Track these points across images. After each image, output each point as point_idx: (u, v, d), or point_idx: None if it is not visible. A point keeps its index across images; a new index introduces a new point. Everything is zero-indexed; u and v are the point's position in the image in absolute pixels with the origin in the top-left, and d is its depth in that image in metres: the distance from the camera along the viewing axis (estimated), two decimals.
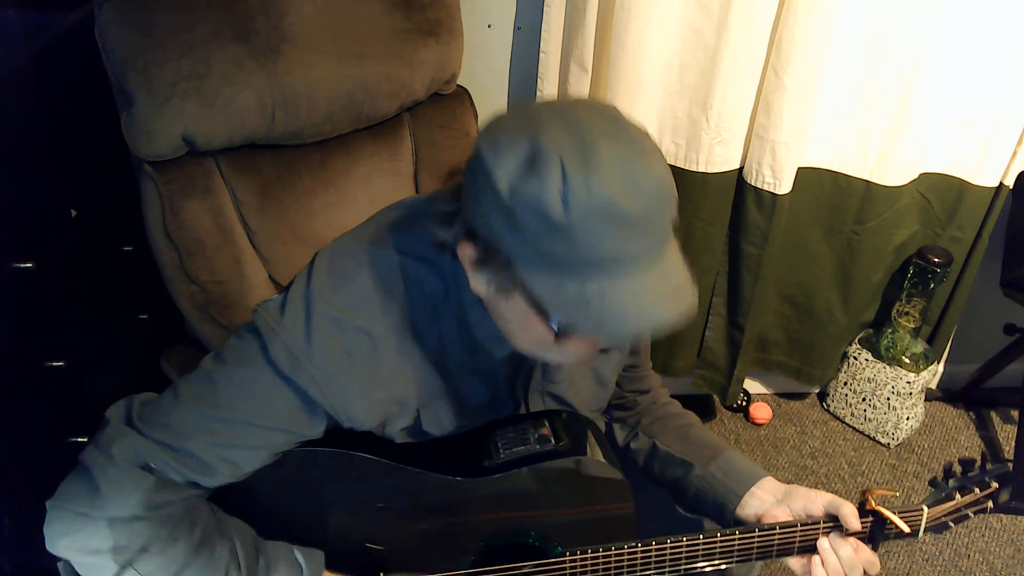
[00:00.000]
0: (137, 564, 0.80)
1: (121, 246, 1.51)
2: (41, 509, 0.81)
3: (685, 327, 1.98)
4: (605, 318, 0.71)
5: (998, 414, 2.32)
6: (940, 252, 1.94)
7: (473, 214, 0.75)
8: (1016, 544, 1.93)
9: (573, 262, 0.70)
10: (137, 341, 1.51)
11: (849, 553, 0.97)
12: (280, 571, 0.86)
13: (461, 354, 0.90)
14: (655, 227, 0.72)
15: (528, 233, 0.69)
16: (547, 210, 0.67)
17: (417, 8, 1.39)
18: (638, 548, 0.96)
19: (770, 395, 2.35)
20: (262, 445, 0.85)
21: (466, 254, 0.78)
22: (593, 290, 0.70)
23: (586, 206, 0.67)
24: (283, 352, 0.82)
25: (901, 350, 2.08)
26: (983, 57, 1.71)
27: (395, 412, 0.89)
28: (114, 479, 0.79)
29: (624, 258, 0.70)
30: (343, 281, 0.85)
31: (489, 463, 0.93)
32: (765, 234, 1.84)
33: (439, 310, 0.87)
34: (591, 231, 0.68)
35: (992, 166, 1.84)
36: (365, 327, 0.83)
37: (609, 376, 1.08)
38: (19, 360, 1.18)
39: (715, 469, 1.08)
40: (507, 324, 0.83)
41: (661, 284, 0.73)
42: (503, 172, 0.69)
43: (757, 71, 1.68)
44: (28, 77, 1.22)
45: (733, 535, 0.98)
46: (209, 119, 1.15)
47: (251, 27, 1.20)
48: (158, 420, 0.83)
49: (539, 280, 0.72)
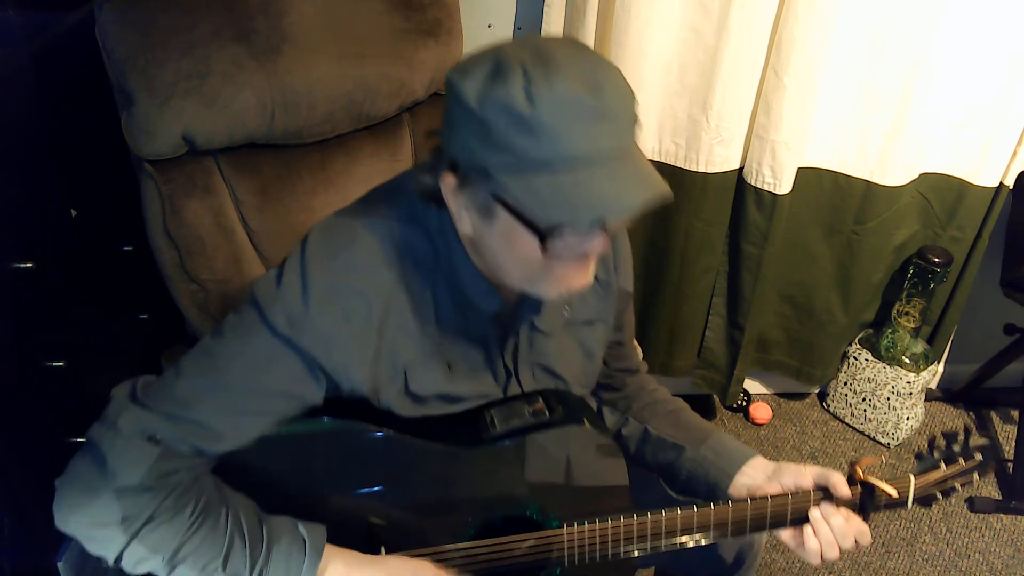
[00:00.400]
0: (142, 535, 0.82)
1: (121, 246, 1.51)
2: (41, 509, 0.81)
3: (685, 327, 2.01)
4: (581, 204, 0.75)
5: (998, 414, 2.32)
6: (940, 252, 1.94)
7: (450, 144, 0.80)
8: (1016, 544, 1.93)
9: (545, 158, 0.74)
10: (137, 341, 1.51)
11: (840, 522, 0.99)
12: (283, 542, 0.87)
13: (453, 316, 0.93)
14: (619, 123, 0.76)
15: (500, 137, 0.74)
16: (514, 106, 0.72)
17: (417, 8, 1.39)
18: (634, 520, 0.98)
19: (770, 395, 2.35)
20: (265, 411, 0.86)
21: (448, 185, 0.82)
22: (567, 180, 0.74)
23: (550, 99, 0.72)
24: (282, 316, 0.84)
25: (901, 350, 2.08)
26: (983, 57, 1.71)
27: (388, 374, 0.91)
28: (120, 450, 0.81)
29: (593, 153, 0.75)
30: (338, 250, 0.87)
31: (486, 435, 0.95)
32: (765, 234, 1.84)
33: (430, 272, 0.90)
34: (557, 124, 0.73)
35: (992, 166, 1.84)
36: (361, 289, 0.86)
37: (596, 349, 1.10)
38: (19, 360, 1.18)
39: (706, 451, 1.10)
40: (495, 256, 0.85)
41: (632, 174, 0.77)
42: (471, 87, 0.75)
43: (757, 71, 1.68)
44: (28, 77, 1.22)
45: (727, 507, 1.00)
46: (209, 118, 1.16)
47: (251, 27, 1.20)
48: (162, 394, 0.85)
49: (516, 184, 0.76)
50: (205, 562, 0.83)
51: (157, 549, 0.82)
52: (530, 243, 0.80)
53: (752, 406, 2.24)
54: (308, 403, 0.89)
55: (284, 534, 0.87)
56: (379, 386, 0.91)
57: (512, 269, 0.86)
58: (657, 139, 1.80)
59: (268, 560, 0.85)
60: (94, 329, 1.38)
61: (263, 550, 0.85)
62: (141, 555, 0.82)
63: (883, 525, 1.95)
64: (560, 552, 0.99)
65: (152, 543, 0.82)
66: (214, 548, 0.84)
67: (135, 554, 0.82)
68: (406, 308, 0.89)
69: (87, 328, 1.36)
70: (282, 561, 0.86)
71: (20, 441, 1.17)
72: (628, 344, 1.20)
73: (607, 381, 1.21)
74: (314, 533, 0.88)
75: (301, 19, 1.25)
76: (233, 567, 0.84)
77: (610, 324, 1.11)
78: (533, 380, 1.04)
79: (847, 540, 0.99)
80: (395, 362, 0.91)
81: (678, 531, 1.00)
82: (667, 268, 1.93)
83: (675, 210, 1.85)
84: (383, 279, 0.88)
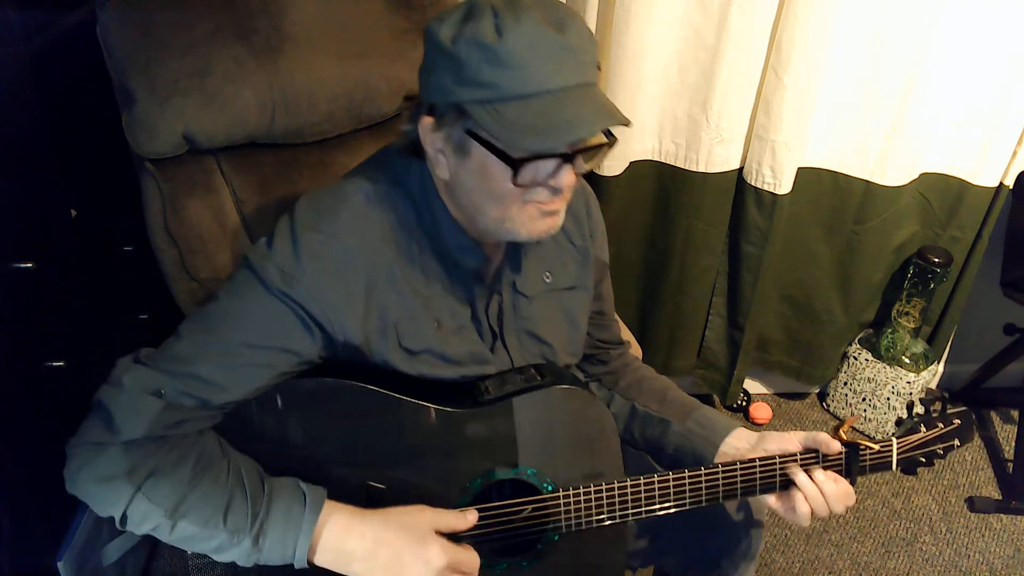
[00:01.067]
0: (146, 487, 0.83)
1: (121, 246, 1.51)
2: (41, 509, 0.81)
3: (685, 327, 2.01)
4: (551, 128, 0.80)
5: (998, 414, 2.32)
6: (940, 252, 1.94)
7: (428, 88, 0.86)
8: (1016, 544, 1.93)
9: (515, 90, 0.80)
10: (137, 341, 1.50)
11: (831, 486, 1.02)
12: (283, 496, 0.88)
13: (438, 273, 0.97)
14: (582, 57, 0.82)
15: (473, 71, 0.80)
16: (484, 41, 0.79)
17: (417, 8, 1.39)
18: (628, 484, 1.01)
19: (770, 395, 2.35)
20: (264, 364, 0.89)
21: (426, 126, 0.87)
22: (536, 108, 0.80)
23: (517, 33, 0.79)
24: (275, 273, 0.88)
25: (901, 350, 2.08)
26: (983, 57, 1.72)
27: (379, 329, 0.94)
28: (125, 405, 0.84)
29: (559, 85, 0.81)
30: (325, 212, 0.92)
31: (481, 399, 0.99)
32: (765, 234, 1.84)
33: (414, 231, 0.95)
34: (526, 55, 0.79)
35: (992, 166, 1.85)
36: (348, 246, 0.91)
37: (578, 316, 1.13)
38: (19, 360, 1.18)
39: (692, 423, 1.14)
40: (470, 195, 0.90)
41: (595, 104, 0.83)
42: (446, 29, 0.82)
43: (757, 71, 1.69)
44: (28, 77, 1.22)
45: (716, 470, 1.03)
46: (210, 117, 1.15)
47: (252, 26, 1.21)
48: (163, 354, 0.88)
49: (489, 116, 0.81)
50: (207, 516, 0.84)
51: (160, 503, 0.83)
52: (503, 175, 0.85)
53: (752, 406, 2.24)
54: (304, 357, 0.92)
55: (284, 489, 0.88)
56: (371, 340, 0.94)
57: (486, 206, 0.90)
58: (657, 139, 1.80)
59: (268, 513, 0.86)
60: (94, 329, 1.38)
61: (264, 504, 0.86)
62: (145, 510, 0.84)
63: (883, 525, 1.95)
64: (557, 518, 1.01)
65: (156, 496, 0.83)
66: (215, 502, 0.85)
67: (139, 509, 0.83)
68: (393, 265, 0.93)
69: (87, 328, 1.36)
70: (281, 515, 0.86)
71: (20, 441, 1.16)
72: (609, 315, 1.24)
73: (592, 352, 1.24)
74: (314, 490, 0.90)
75: (302, 18, 1.25)
76: (234, 522, 0.85)
77: (590, 292, 1.15)
78: (519, 345, 1.07)
79: (836, 502, 1.02)
80: (384, 317, 0.94)
81: (671, 494, 1.03)
82: (667, 268, 1.93)
83: (675, 210, 1.85)
84: (369, 237, 0.92)
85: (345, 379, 0.94)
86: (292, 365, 0.91)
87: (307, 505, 0.87)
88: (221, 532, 0.84)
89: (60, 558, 1.27)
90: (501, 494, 1.01)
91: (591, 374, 1.26)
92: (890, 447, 1.08)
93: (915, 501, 2.03)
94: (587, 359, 1.25)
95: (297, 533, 0.86)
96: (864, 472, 1.07)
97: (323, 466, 0.94)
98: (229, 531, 0.85)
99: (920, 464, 1.12)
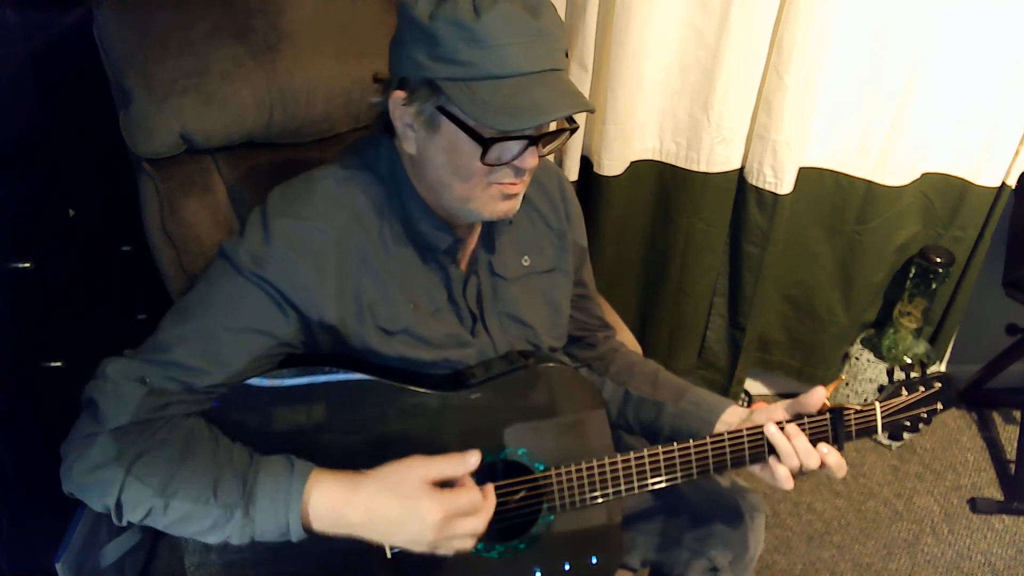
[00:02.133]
0: (136, 469, 0.84)
1: (121, 246, 1.51)
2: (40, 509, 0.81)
3: (686, 327, 2.00)
4: (521, 110, 0.83)
5: (1000, 415, 2.31)
6: (942, 252, 1.93)
7: (400, 62, 0.88)
8: (1018, 545, 1.92)
9: (488, 68, 0.83)
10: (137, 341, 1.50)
11: (802, 440, 1.04)
12: (271, 464, 0.88)
13: (410, 255, 0.98)
14: (553, 44, 0.86)
15: (448, 49, 0.82)
16: (461, 18, 0.81)
17: None
18: (619, 460, 1.02)
19: (771, 395, 2.35)
20: (242, 346, 0.90)
21: (396, 100, 0.89)
22: (509, 89, 0.83)
23: (495, 14, 0.81)
24: (246, 255, 0.90)
25: (903, 350, 2.07)
26: (984, 56, 1.71)
27: (354, 310, 0.95)
28: (110, 394, 0.86)
29: (531, 67, 0.84)
30: (296, 197, 0.95)
31: (469, 383, 1.00)
32: (766, 234, 1.84)
33: (384, 212, 0.97)
34: (501, 36, 0.82)
35: (994, 166, 1.84)
36: (319, 227, 0.92)
37: (559, 299, 1.15)
38: (18, 360, 1.18)
39: (685, 404, 1.16)
40: (437, 171, 0.92)
41: (564, 89, 0.87)
42: (422, 5, 0.84)
43: (758, 71, 1.68)
44: (27, 77, 1.22)
45: (705, 442, 1.04)
46: (207, 117, 1.15)
47: (249, 25, 1.20)
48: (145, 346, 0.91)
49: (462, 94, 0.83)
50: (198, 492, 0.84)
51: (151, 482, 0.84)
52: (472, 152, 0.87)
53: (753, 406, 2.23)
54: (282, 339, 0.92)
55: (272, 459, 0.89)
56: (347, 322, 0.95)
57: (451, 183, 0.92)
58: (658, 139, 1.80)
59: (256, 481, 0.86)
60: (92, 329, 1.37)
61: (252, 473, 0.86)
62: (137, 492, 0.84)
63: (885, 526, 1.95)
64: (551, 497, 1.02)
65: (145, 475, 0.84)
66: (205, 477, 0.85)
67: (132, 493, 0.84)
68: (365, 246, 0.95)
69: (86, 328, 1.36)
70: (271, 480, 0.86)
71: (19, 441, 1.16)
72: (593, 299, 1.26)
73: (579, 334, 1.25)
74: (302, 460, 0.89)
75: (299, 18, 1.25)
76: (224, 495, 0.85)
77: (570, 275, 1.16)
78: (501, 328, 1.07)
79: (811, 458, 1.03)
80: (360, 300, 0.95)
81: (662, 467, 1.03)
82: (668, 268, 1.92)
83: (676, 210, 1.85)
84: (340, 219, 0.94)
85: (330, 368, 0.94)
86: (270, 348, 0.92)
87: (295, 470, 0.87)
88: (214, 507, 0.84)
89: (59, 559, 1.27)
90: (493, 477, 1.01)
91: (580, 359, 1.27)
92: (873, 410, 1.09)
93: (917, 502, 2.02)
94: (574, 342, 1.26)
95: (288, 496, 0.85)
96: (851, 437, 1.08)
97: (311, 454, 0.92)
98: (221, 505, 0.84)
99: (906, 429, 1.13)
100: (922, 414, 1.13)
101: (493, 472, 1.03)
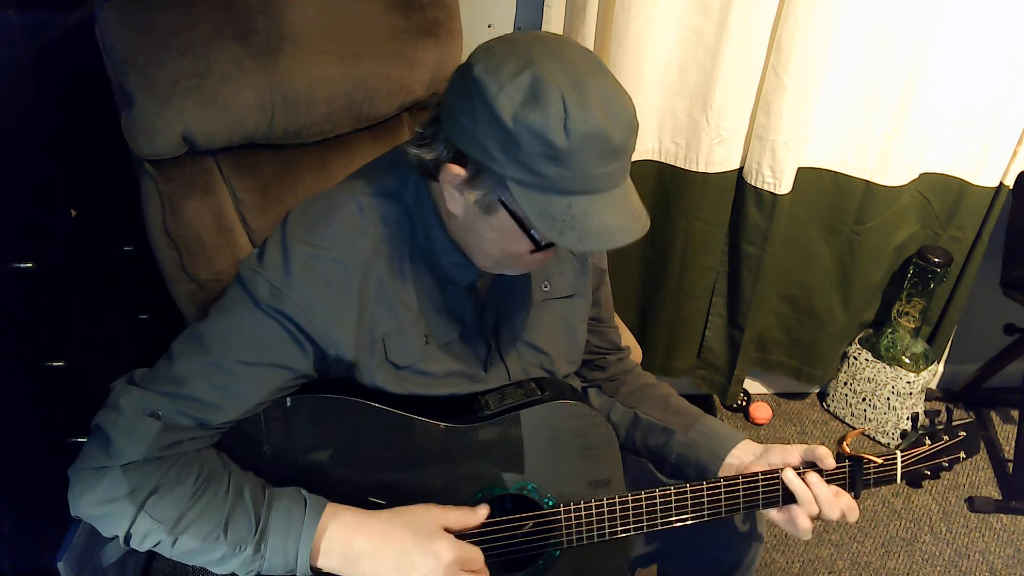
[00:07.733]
0: (148, 505, 0.84)
1: (121, 246, 1.51)
2: (41, 509, 0.81)
3: (685, 327, 2.01)
4: (587, 234, 0.81)
5: (998, 414, 2.32)
6: (940, 252, 1.94)
7: (465, 139, 0.82)
8: (1016, 544, 1.93)
9: (564, 184, 0.79)
10: (137, 341, 1.51)
11: (823, 489, 1.00)
12: (284, 500, 0.88)
13: (429, 288, 0.97)
14: (627, 154, 0.83)
15: (528, 158, 0.78)
16: (550, 137, 0.77)
17: (416, 8, 1.39)
18: (629, 498, 1.00)
19: (770, 395, 2.35)
20: (258, 381, 0.89)
21: (452, 174, 0.85)
22: (578, 207, 0.80)
23: (583, 134, 0.77)
24: (265, 287, 0.88)
25: (901, 350, 2.08)
26: (983, 57, 1.71)
27: (368, 342, 0.93)
28: (124, 428, 0.85)
29: (603, 181, 0.81)
30: (316, 223, 0.92)
31: (481, 414, 0.98)
32: (765, 234, 1.84)
33: (407, 245, 0.94)
34: (583, 157, 0.78)
35: (992, 166, 1.85)
36: (340, 259, 0.90)
37: (577, 324, 1.13)
38: (19, 360, 1.18)
39: (696, 434, 1.12)
40: (480, 240, 0.90)
41: (626, 204, 0.84)
42: (507, 102, 0.78)
43: (757, 71, 1.68)
44: (28, 77, 1.22)
45: (719, 484, 1.01)
46: (209, 118, 1.15)
47: (251, 26, 1.20)
48: (158, 376, 0.89)
49: (531, 199, 0.80)
50: (208, 530, 0.85)
51: (162, 519, 0.84)
52: (521, 242, 0.86)
53: (752, 406, 2.24)
54: (299, 373, 0.91)
55: (285, 494, 0.89)
56: (360, 356, 0.93)
57: (491, 255, 0.92)
58: (657, 139, 1.80)
59: (269, 518, 0.86)
60: (94, 329, 1.38)
61: (264, 509, 0.87)
62: (148, 527, 0.84)
63: (883, 525, 1.95)
64: (558, 533, 1.01)
65: (158, 513, 0.84)
66: (216, 516, 0.85)
67: (142, 527, 0.84)
68: (384, 278, 0.93)
69: (87, 328, 1.36)
70: (283, 517, 0.87)
71: (20, 441, 1.16)
72: (608, 321, 1.23)
73: (590, 358, 1.23)
74: (315, 496, 0.90)
75: (301, 19, 1.25)
76: (235, 534, 0.85)
77: (589, 299, 1.14)
78: (517, 356, 1.06)
79: (832, 509, 1.00)
80: (374, 331, 0.94)
81: (672, 509, 1.01)
82: (667, 268, 1.93)
83: (675, 210, 1.85)
84: (360, 249, 0.92)
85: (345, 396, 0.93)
86: (287, 380, 0.91)
87: (308, 507, 0.87)
88: (222, 545, 0.85)
89: (60, 558, 1.27)
90: (502, 510, 1.01)
91: (590, 379, 1.25)
92: (894, 461, 1.07)
93: (915, 501, 2.03)
94: (585, 364, 1.23)
95: (299, 534, 0.86)
96: (868, 486, 1.06)
97: (323, 482, 0.94)
98: (230, 543, 0.85)
99: (925, 477, 1.10)
100: (943, 463, 1.10)
101: (503, 506, 1.02)
